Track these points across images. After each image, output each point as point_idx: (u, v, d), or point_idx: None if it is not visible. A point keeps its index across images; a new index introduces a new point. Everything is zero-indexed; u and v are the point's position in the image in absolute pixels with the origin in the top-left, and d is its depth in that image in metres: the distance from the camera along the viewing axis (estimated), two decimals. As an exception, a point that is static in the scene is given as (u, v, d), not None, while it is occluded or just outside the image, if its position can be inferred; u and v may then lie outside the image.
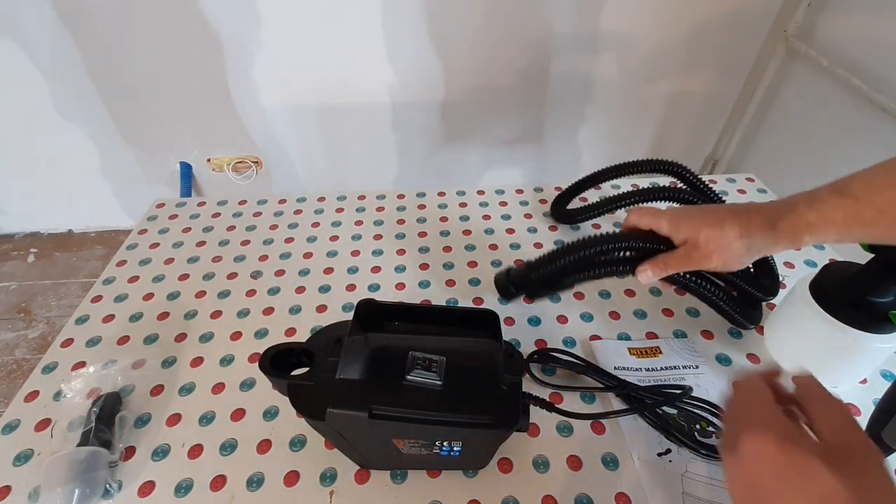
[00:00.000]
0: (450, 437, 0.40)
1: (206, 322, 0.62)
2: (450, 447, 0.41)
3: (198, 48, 1.45)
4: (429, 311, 0.46)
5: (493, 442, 0.44)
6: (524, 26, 1.47)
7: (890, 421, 0.43)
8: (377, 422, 0.38)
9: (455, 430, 0.39)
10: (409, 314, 0.44)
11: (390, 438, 0.41)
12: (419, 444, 0.41)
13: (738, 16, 1.50)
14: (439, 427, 0.39)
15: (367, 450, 0.44)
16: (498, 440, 0.44)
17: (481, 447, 0.44)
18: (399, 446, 0.42)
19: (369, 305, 0.43)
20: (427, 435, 0.40)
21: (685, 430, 0.49)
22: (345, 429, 0.41)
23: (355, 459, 0.46)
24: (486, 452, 0.46)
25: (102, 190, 1.79)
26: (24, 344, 1.54)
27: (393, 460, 0.45)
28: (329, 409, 0.38)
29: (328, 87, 1.56)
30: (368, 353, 0.40)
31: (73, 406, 0.51)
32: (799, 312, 0.51)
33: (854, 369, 0.52)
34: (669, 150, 1.82)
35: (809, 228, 0.40)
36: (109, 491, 0.45)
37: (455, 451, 0.42)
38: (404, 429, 0.39)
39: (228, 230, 0.77)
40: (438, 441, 0.41)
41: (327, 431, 0.42)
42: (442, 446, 0.41)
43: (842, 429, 0.28)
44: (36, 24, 1.38)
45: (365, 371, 0.40)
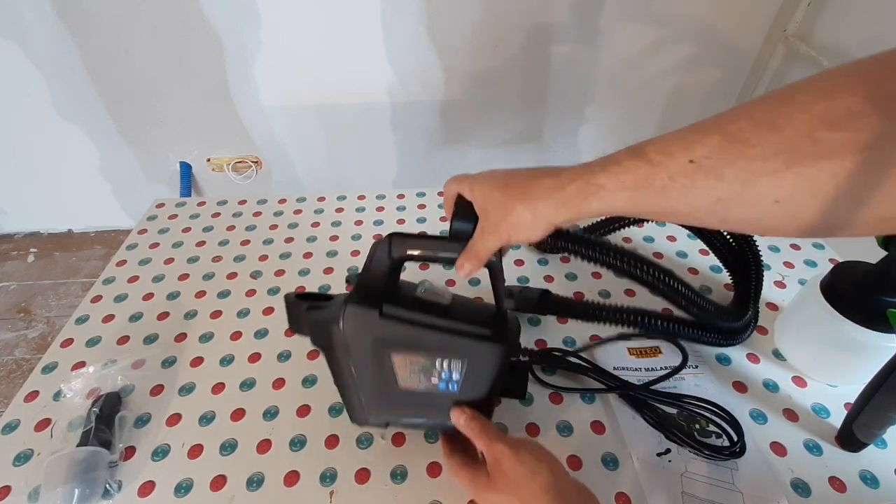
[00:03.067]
0: (451, 350, 0.41)
1: (206, 322, 0.62)
2: (449, 373, 0.41)
3: (198, 48, 1.45)
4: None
5: (492, 377, 0.42)
6: (524, 26, 1.47)
7: (859, 416, 0.44)
8: (387, 323, 0.40)
9: (457, 342, 0.41)
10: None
11: (392, 357, 0.41)
12: (419, 368, 0.41)
13: (737, 16, 1.50)
14: (443, 335, 0.40)
15: (368, 384, 0.43)
16: (497, 378, 0.42)
17: (480, 380, 0.42)
18: (399, 373, 0.42)
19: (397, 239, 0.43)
20: (430, 347, 0.41)
21: (685, 429, 0.49)
22: (352, 344, 0.41)
23: (353, 408, 0.45)
24: (485, 392, 0.43)
25: (102, 190, 1.79)
26: (24, 344, 1.54)
27: (390, 404, 0.44)
28: (345, 307, 0.40)
29: (328, 87, 1.56)
30: (384, 280, 0.42)
31: (73, 406, 0.51)
32: (810, 312, 0.52)
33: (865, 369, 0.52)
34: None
35: (598, 192, 0.35)
36: (109, 491, 0.45)
37: (454, 383, 0.42)
38: (409, 337, 0.41)
39: (228, 230, 0.77)
40: (439, 360, 0.41)
41: (337, 350, 0.42)
42: (441, 371, 0.41)
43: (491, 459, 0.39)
44: (36, 24, 1.38)
45: (380, 288, 0.41)
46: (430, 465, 0.47)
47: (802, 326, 0.55)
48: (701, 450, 0.47)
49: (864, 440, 0.46)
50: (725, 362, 0.57)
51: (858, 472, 0.47)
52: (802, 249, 0.72)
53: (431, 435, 0.50)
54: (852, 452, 0.48)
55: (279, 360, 0.57)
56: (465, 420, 0.42)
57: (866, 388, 0.44)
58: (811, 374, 0.55)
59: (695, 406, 0.50)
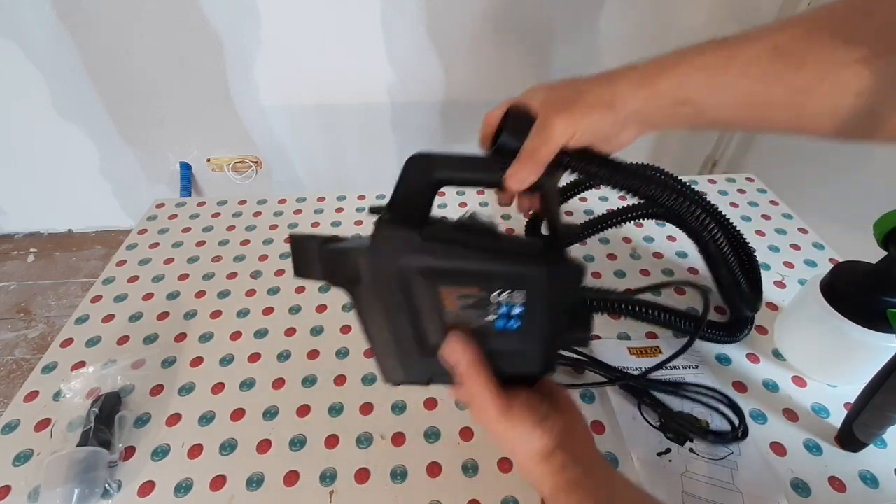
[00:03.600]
0: (512, 279, 0.33)
1: (206, 322, 0.62)
2: (509, 307, 0.33)
3: (198, 48, 1.45)
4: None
5: (560, 309, 0.34)
6: (524, 26, 1.47)
7: (859, 416, 0.44)
8: (431, 247, 0.32)
9: (519, 271, 0.33)
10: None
11: (439, 290, 0.33)
12: (472, 303, 0.33)
13: (737, 16, 1.50)
14: (500, 259, 0.33)
15: (407, 328, 0.35)
16: (564, 311, 0.34)
17: (546, 315, 0.34)
18: (448, 310, 0.33)
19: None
20: (485, 274, 0.33)
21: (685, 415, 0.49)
22: (388, 277, 0.33)
23: (387, 362, 0.37)
24: (549, 330, 0.34)
25: (102, 190, 1.79)
26: (24, 344, 1.54)
27: (435, 353, 0.34)
28: (379, 227, 0.33)
29: (328, 87, 1.56)
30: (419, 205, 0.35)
31: (73, 406, 0.51)
32: (810, 312, 0.52)
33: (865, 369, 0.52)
34: (669, 150, 1.83)
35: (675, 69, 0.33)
36: (109, 491, 0.45)
37: (515, 319, 0.33)
38: (460, 264, 0.33)
39: (228, 230, 0.77)
40: (498, 291, 0.33)
41: (367, 288, 0.34)
42: (500, 306, 0.33)
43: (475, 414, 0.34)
44: (36, 24, 1.38)
45: (416, 212, 0.35)
46: (430, 465, 0.47)
47: (802, 326, 0.55)
48: (704, 435, 0.47)
49: (864, 440, 0.46)
50: (725, 362, 0.57)
51: (858, 472, 0.47)
52: (802, 249, 0.72)
53: (431, 434, 0.50)
54: (852, 452, 0.48)
55: (279, 360, 0.57)
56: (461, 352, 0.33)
57: (866, 388, 0.44)
58: (811, 374, 0.55)
59: (694, 392, 0.50)
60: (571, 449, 0.33)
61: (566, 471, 0.32)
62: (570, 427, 0.34)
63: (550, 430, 0.33)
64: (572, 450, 0.33)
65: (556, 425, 0.33)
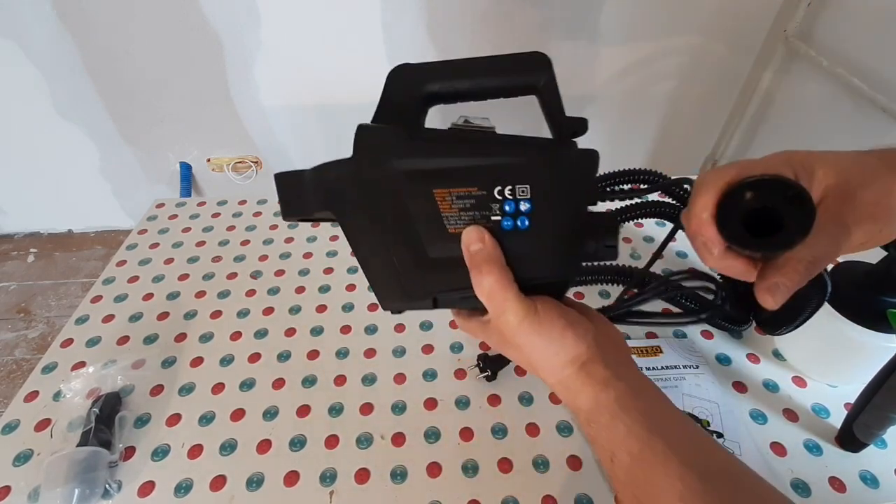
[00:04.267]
0: (513, 172, 0.29)
1: (206, 322, 0.62)
2: (514, 206, 0.30)
3: (198, 48, 1.45)
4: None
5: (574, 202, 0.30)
6: (524, 26, 1.47)
7: (859, 416, 0.44)
8: (420, 146, 0.30)
9: (519, 161, 0.30)
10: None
11: (433, 193, 0.30)
12: (472, 199, 0.30)
13: (737, 15, 1.50)
14: (496, 151, 0.30)
15: (404, 243, 0.31)
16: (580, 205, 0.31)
17: (558, 217, 0.30)
18: (444, 209, 0.30)
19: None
20: (481, 169, 0.30)
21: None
22: (377, 187, 0.30)
23: (386, 286, 0.32)
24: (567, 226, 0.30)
25: (102, 190, 1.79)
26: (24, 344, 1.54)
27: (439, 267, 0.31)
28: (360, 130, 0.29)
29: (328, 86, 1.56)
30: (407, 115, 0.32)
31: (73, 406, 0.51)
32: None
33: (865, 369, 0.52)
34: (669, 149, 1.83)
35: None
36: (109, 491, 0.45)
37: (522, 218, 0.30)
38: (453, 161, 0.30)
39: (228, 230, 0.77)
40: (498, 187, 0.29)
41: (356, 205, 0.31)
42: (504, 203, 0.30)
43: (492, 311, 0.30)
44: (36, 24, 1.38)
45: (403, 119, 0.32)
46: (430, 465, 0.47)
47: (803, 327, 0.55)
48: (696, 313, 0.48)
49: (864, 440, 0.46)
50: (725, 362, 0.57)
51: (858, 473, 0.47)
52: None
53: (431, 434, 0.50)
54: (852, 452, 0.48)
55: (279, 360, 0.57)
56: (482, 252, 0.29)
57: (866, 388, 0.44)
58: (811, 374, 0.55)
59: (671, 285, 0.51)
60: (609, 359, 0.30)
61: (609, 387, 0.29)
62: (604, 332, 0.31)
63: (584, 336, 0.29)
64: (611, 360, 0.30)
65: (589, 331, 0.30)
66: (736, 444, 0.48)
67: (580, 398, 0.30)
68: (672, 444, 0.27)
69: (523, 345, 0.30)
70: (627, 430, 0.28)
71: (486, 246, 0.29)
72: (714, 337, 0.59)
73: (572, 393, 0.30)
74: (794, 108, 1.51)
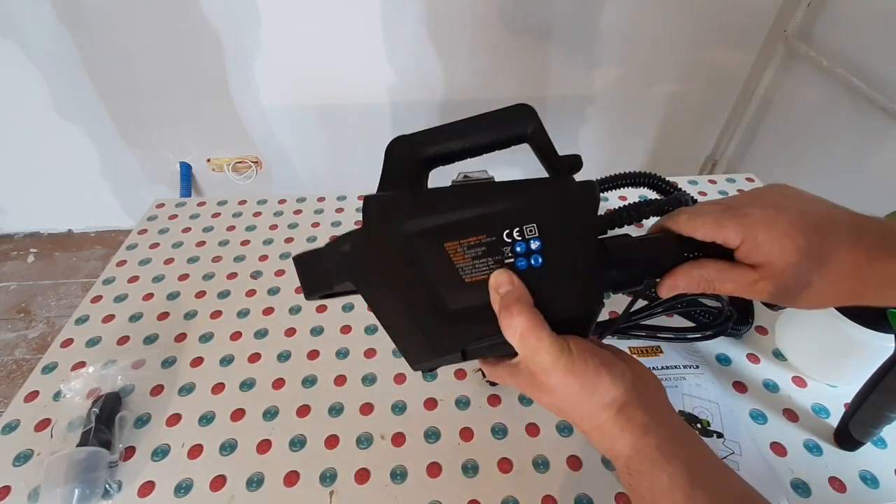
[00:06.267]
0: (518, 214, 0.31)
1: (206, 322, 0.62)
2: (525, 246, 0.31)
3: (198, 48, 1.45)
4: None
5: (583, 234, 0.32)
6: (524, 26, 1.47)
7: (856, 414, 0.44)
8: (426, 205, 0.31)
9: (519, 203, 0.31)
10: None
11: (445, 246, 0.31)
12: (482, 247, 0.31)
13: (737, 16, 1.50)
14: (498, 201, 0.31)
15: (424, 300, 0.31)
16: (590, 236, 0.32)
17: (569, 249, 0.31)
18: (458, 261, 0.31)
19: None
20: (487, 217, 0.31)
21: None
22: (389, 250, 0.31)
23: (414, 345, 0.32)
24: (579, 268, 0.31)
25: (102, 190, 1.79)
26: (24, 344, 1.54)
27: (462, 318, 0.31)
28: (366, 200, 0.31)
29: (328, 87, 1.56)
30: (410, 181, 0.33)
31: (73, 406, 0.51)
32: (811, 312, 0.52)
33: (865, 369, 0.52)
34: (669, 150, 1.83)
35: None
36: (109, 491, 0.45)
37: (535, 257, 0.30)
38: (459, 214, 0.31)
39: (228, 230, 0.77)
40: (508, 230, 0.31)
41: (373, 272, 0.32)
42: (514, 244, 0.31)
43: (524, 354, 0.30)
44: (36, 24, 1.38)
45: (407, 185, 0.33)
46: (430, 465, 0.47)
47: (803, 326, 0.55)
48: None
49: (861, 439, 0.46)
50: (725, 362, 0.57)
51: (858, 473, 0.47)
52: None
53: (431, 434, 0.50)
54: (849, 451, 0.48)
55: (279, 360, 0.57)
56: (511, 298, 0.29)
57: (863, 386, 0.44)
58: (811, 374, 0.55)
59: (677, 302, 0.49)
60: (648, 403, 0.29)
61: (650, 433, 0.28)
62: (640, 375, 0.30)
63: (621, 377, 0.29)
64: (649, 405, 0.29)
65: (626, 372, 0.29)
66: (736, 444, 0.48)
67: (618, 445, 0.29)
68: (717, 497, 0.27)
69: (557, 387, 0.29)
70: (671, 481, 0.27)
71: (516, 287, 0.29)
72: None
73: (609, 439, 0.29)
74: (794, 108, 1.51)
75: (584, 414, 0.30)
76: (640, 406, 0.29)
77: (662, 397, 0.31)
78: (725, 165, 1.78)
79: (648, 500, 0.28)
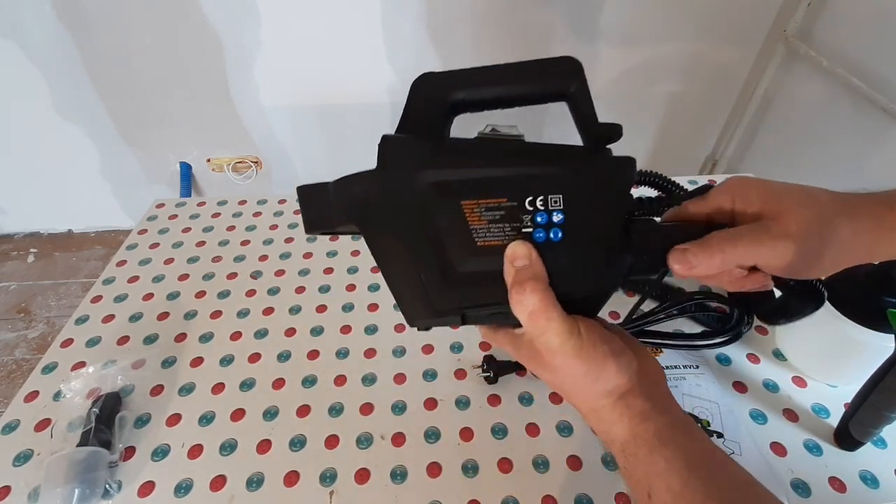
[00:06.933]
0: (546, 182, 0.29)
1: (206, 322, 0.62)
2: (547, 217, 0.29)
3: (198, 48, 1.45)
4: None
5: (610, 212, 0.30)
6: (524, 26, 1.47)
7: (856, 414, 0.44)
8: (447, 157, 0.29)
9: (553, 171, 0.29)
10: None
11: (461, 205, 0.29)
12: (501, 211, 0.29)
13: (737, 15, 1.50)
14: (527, 165, 0.29)
15: (430, 255, 0.29)
16: (616, 215, 0.30)
17: (592, 228, 0.29)
18: (473, 222, 0.29)
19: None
20: (511, 180, 0.29)
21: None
22: (402, 198, 0.29)
23: (413, 300, 0.30)
24: (600, 249, 0.29)
25: (102, 190, 1.79)
26: (24, 344, 1.54)
27: (468, 280, 0.29)
28: (386, 140, 0.29)
29: (328, 87, 1.56)
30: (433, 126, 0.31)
31: (73, 406, 0.51)
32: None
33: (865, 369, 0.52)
34: (669, 149, 1.83)
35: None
36: (109, 491, 0.45)
37: (556, 230, 0.29)
38: (481, 172, 0.29)
39: (228, 230, 0.77)
40: (532, 197, 0.29)
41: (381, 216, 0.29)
42: (535, 214, 0.29)
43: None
44: (36, 24, 1.38)
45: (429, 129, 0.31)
46: (430, 465, 0.47)
47: (803, 326, 0.55)
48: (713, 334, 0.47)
49: (860, 438, 0.46)
50: (725, 362, 0.57)
51: (858, 473, 0.47)
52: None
53: (431, 434, 0.50)
54: (849, 451, 0.48)
55: (279, 360, 0.57)
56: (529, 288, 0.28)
57: (863, 386, 0.44)
58: (811, 374, 0.55)
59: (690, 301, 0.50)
60: (650, 393, 0.29)
61: (649, 420, 0.28)
62: (645, 366, 0.30)
63: (627, 367, 0.28)
64: (651, 394, 0.29)
65: (633, 363, 0.29)
66: (736, 444, 0.48)
67: (615, 429, 0.29)
68: (713, 485, 0.26)
69: (560, 367, 0.29)
70: (668, 465, 0.27)
71: (533, 263, 0.28)
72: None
73: (607, 423, 0.29)
74: (794, 108, 1.51)
75: (582, 396, 0.30)
76: (642, 395, 0.28)
77: (665, 389, 0.31)
78: (725, 165, 1.78)
79: (644, 484, 0.28)
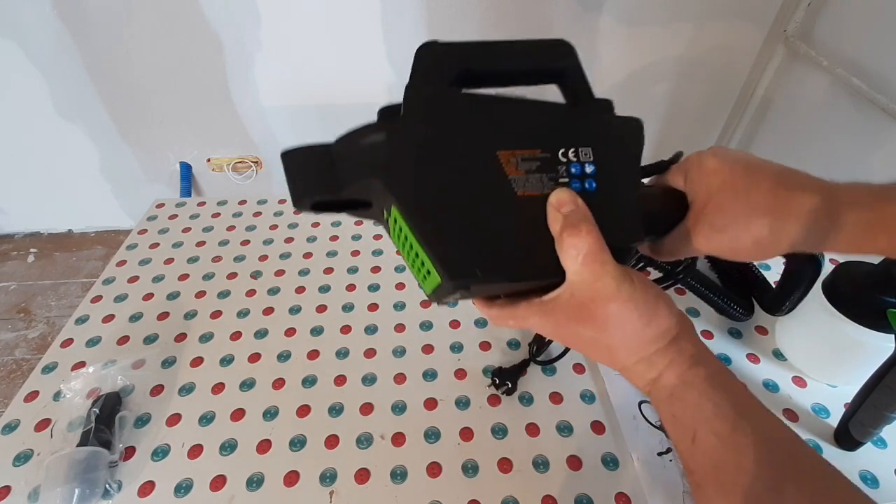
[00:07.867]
0: (576, 134, 0.30)
1: (206, 322, 0.62)
2: (581, 168, 0.29)
3: (198, 48, 1.45)
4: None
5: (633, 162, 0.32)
6: (524, 26, 1.47)
7: (856, 414, 0.45)
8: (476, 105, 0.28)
9: (581, 123, 0.30)
10: None
11: (497, 151, 0.28)
12: (538, 161, 0.29)
13: (737, 15, 1.50)
14: (561, 119, 0.30)
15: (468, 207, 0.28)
16: (632, 171, 0.32)
17: (621, 178, 0.31)
18: (510, 172, 0.28)
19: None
20: (549, 135, 0.29)
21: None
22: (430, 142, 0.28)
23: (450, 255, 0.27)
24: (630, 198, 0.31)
25: (102, 190, 1.79)
26: (24, 344, 1.54)
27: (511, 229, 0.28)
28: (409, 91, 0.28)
29: (328, 87, 1.56)
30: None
31: (73, 406, 0.51)
32: (811, 311, 0.52)
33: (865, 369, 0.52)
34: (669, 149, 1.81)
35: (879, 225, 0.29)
36: (109, 491, 0.45)
37: (590, 181, 0.29)
38: (513, 121, 0.29)
39: (228, 230, 0.77)
40: (564, 149, 0.29)
41: (403, 173, 0.27)
42: (570, 165, 0.29)
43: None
44: (36, 24, 1.38)
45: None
46: (430, 465, 0.47)
47: (803, 326, 0.55)
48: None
49: (860, 438, 0.46)
50: (725, 362, 0.57)
51: (858, 473, 0.47)
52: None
53: (431, 434, 0.50)
54: (849, 451, 0.48)
55: (279, 360, 0.57)
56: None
57: (863, 386, 0.44)
58: (811, 374, 0.55)
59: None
60: (695, 338, 0.29)
61: (699, 364, 0.27)
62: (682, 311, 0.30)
63: (674, 308, 0.28)
64: (696, 339, 0.29)
65: (675, 305, 0.29)
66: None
67: (667, 373, 0.28)
68: (761, 431, 0.26)
69: (611, 316, 0.27)
70: (717, 410, 0.26)
71: (580, 207, 0.27)
72: (714, 337, 0.59)
73: (657, 368, 0.28)
74: (794, 108, 1.51)
75: (633, 345, 0.28)
76: (690, 339, 0.28)
77: (695, 335, 0.30)
78: (725, 165, 1.78)
79: (690, 427, 0.27)
